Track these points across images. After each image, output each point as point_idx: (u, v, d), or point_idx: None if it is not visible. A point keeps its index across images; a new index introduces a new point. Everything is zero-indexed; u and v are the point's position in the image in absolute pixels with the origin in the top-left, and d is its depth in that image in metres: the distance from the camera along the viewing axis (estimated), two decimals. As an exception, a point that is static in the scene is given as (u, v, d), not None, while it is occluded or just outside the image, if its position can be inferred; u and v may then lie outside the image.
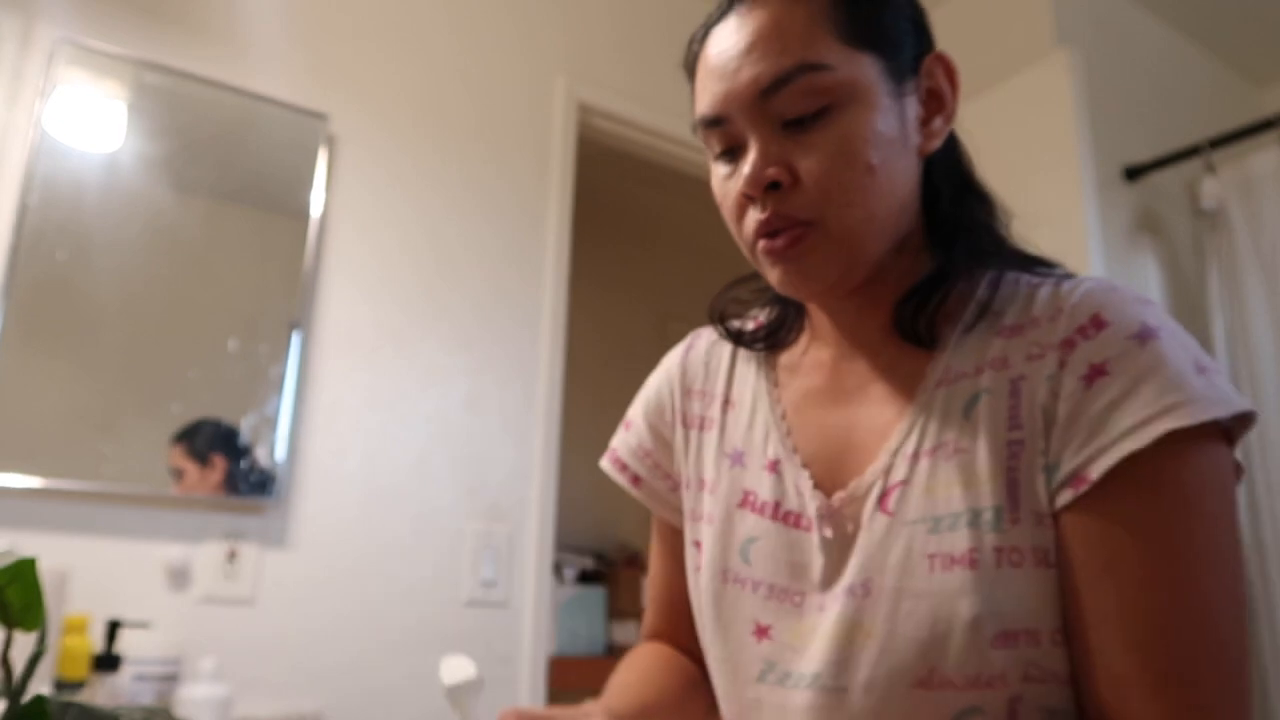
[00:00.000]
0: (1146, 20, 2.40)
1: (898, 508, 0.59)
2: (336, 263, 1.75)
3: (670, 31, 2.35)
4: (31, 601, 0.50)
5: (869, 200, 0.59)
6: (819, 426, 0.66)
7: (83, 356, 1.49)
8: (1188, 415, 0.52)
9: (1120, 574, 0.53)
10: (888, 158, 0.59)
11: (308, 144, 1.74)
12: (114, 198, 1.55)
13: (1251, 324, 2.07)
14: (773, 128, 0.60)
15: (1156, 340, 0.55)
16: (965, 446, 0.58)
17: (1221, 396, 0.53)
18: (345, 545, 1.66)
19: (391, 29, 1.91)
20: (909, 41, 0.63)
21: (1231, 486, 0.55)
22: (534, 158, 2.05)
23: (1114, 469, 0.53)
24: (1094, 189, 1.81)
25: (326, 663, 1.60)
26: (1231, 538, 0.54)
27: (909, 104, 0.62)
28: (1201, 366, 0.55)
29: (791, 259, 0.61)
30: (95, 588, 1.41)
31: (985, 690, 0.55)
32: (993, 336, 0.61)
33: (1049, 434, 0.56)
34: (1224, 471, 0.54)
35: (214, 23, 1.71)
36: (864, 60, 0.59)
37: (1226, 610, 0.52)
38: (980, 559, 0.55)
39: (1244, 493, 2.02)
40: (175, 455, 1.54)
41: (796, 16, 0.59)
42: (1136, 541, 0.53)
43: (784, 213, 0.60)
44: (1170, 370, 0.54)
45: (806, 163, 0.59)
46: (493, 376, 1.88)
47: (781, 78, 0.59)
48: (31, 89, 1.52)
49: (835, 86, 0.58)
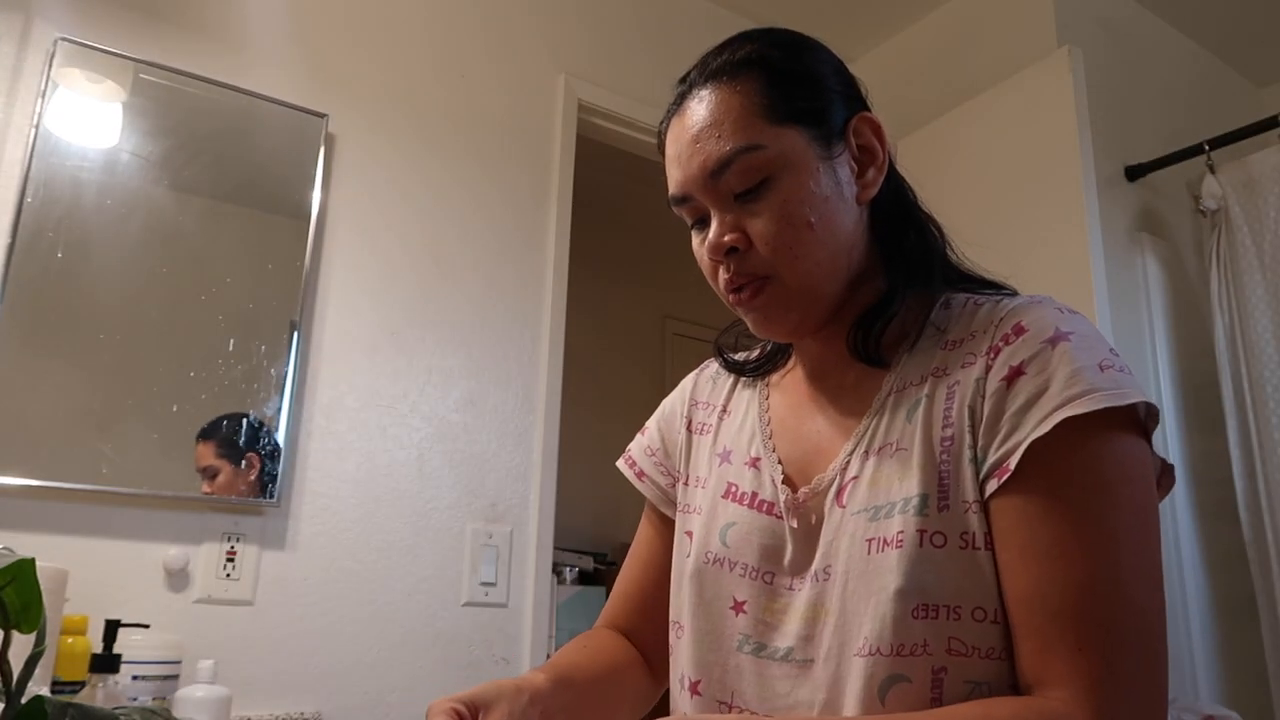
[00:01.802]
0: (1148, 20, 2.40)
1: (849, 500, 0.69)
2: (336, 262, 1.75)
3: (670, 31, 2.35)
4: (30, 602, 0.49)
5: (813, 251, 0.70)
6: (795, 433, 0.77)
7: (81, 356, 1.49)
8: (1084, 405, 0.59)
9: (1037, 551, 0.59)
10: (825, 213, 0.70)
11: (307, 143, 1.73)
12: (113, 197, 1.54)
13: (1252, 324, 2.06)
14: (726, 201, 0.71)
15: (1066, 342, 0.63)
16: (905, 445, 0.67)
17: (1119, 389, 0.60)
18: (345, 546, 1.65)
19: (390, 28, 1.91)
20: (836, 110, 0.73)
21: (1136, 468, 0.61)
22: (534, 157, 2.04)
23: (1027, 456, 0.61)
24: (1095, 188, 1.81)
25: (326, 663, 1.59)
26: (1137, 512, 0.60)
27: (841, 163, 0.72)
28: (1105, 365, 0.62)
29: (757, 308, 0.72)
30: (94, 588, 1.40)
31: (909, 659, 0.61)
32: (937, 350, 0.70)
33: (975, 430, 0.64)
34: (1127, 455, 0.61)
35: (213, 22, 1.71)
36: (793, 134, 0.70)
37: (1136, 578, 0.58)
38: (905, 540, 0.63)
39: (1244, 493, 2.02)
40: (204, 454, 1.53)
41: (732, 106, 0.70)
42: (1049, 521, 0.60)
43: (744, 271, 0.71)
44: (1074, 367, 0.62)
45: (755, 227, 0.70)
46: (492, 376, 1.87)
47: (724, 161, 0.70)
48: (30, 88, 1.51)
49: (769, 161, 0.69)
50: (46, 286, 1.47)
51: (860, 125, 0.74)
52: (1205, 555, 2.06)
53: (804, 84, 0.72)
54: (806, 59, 0.74)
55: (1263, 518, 1.98)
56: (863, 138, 0.74)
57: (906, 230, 0.76)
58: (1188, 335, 2.19)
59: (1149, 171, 2.17)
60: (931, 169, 2.17)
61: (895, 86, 2.55)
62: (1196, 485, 2.08)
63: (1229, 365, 2.08)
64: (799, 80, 0.72)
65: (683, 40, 2.36)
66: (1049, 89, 1.88)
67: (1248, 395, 2.04)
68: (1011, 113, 1.97)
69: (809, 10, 2.47)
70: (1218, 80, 2.59)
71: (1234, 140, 2.08)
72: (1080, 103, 1.83)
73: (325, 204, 1.75)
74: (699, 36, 2.62)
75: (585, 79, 2.15)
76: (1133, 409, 0.62)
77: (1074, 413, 0.60)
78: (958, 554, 0.62)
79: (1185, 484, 2.07)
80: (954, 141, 2.11)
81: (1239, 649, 2.04)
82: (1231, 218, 2.14)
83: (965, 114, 2.09)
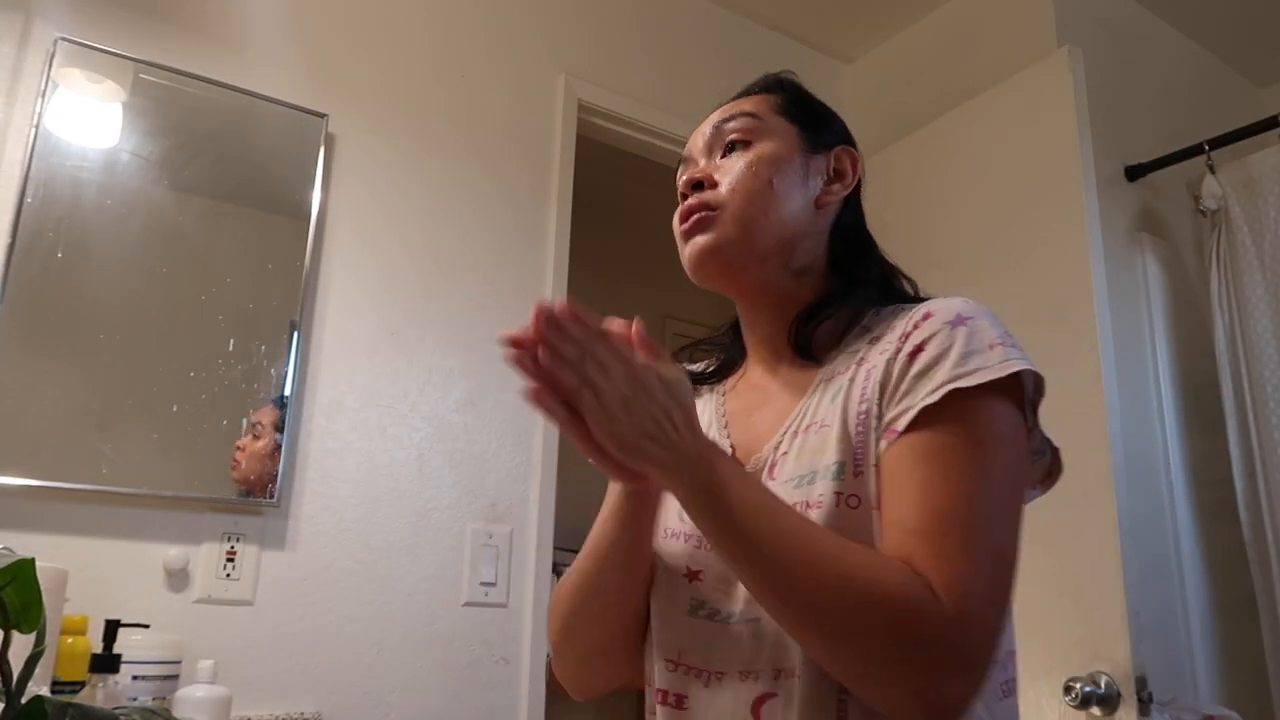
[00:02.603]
0: (1148, 20, 2.40)
1: (779, 472, 0.77)
2: (336, 262, 1.75)
3: (670, 31, 2.35)
4: (30, 602, 0.49)
5: (763, 204, 0.82)
6: (745, 421, 0.86)
7: (81, 356, 1.49)
8: (972, 379, 0.68)
9: (909, 486, 0.68)
10: (785, 186, 0.83)
11: (307, 143, 1.73)
12: (113, 197, 1.54)
13: (1252, 324, 2.06)
14: (715, 152, 0.86)
15: (964, 325, 0.72)
16: (829, 422, 0.75)
17: (1004, 361, 0.69)
18: (344, 546, 1.65)
19: (390, 28, 1.91)
20: (828, 134, 0.89)
21: (1009, 433, 0.70)
22: (534, 157, 2.04)
23: (916, 419, 0.69)
24: (1095, 188, 1.80)
25: (326, 663, 1.59)
26: (1003, 470, 0.68)
27: (816, 169, 0.86)
28: (994, 344, 0.70)
29: (696, 232, 0.82)
30: (94, 588, 1.40)
31: None
32: (863, 345, 0.79)
33: (881, 399, 0.72)
34: (1002, 421, 0.69)
35: (213, 22, 1.71)
36: (790, 127, 0.86)
37: (989, 509, 0.66)
38: (824, 501, 0.71)
39: (1244, 493, 2.02)
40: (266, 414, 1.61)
41: (754, 99, 0.89)
42: (922, 464, 0.68)
43: (701, 201, 0.82)
44: (969, 347, 0.70)
45: (726, 168, 0.84)
46: (492, 376, 1.87)
47: (731, 116, 0.87)
48: (30, 88, 1.51)
49: (761, 129, 0.85)
50: (46, 286, 1.47)
51: (842, 154, 0.88)
52: (1205, 555, 2.06)
53: (812, 106, 0.90)
54: (821, 101, 0.92)
55: (1263, 518, 1.98)
56: (841, 163, 0.88)
57: (859, 256, 0.88)
58: (1188, 335, 2.19)
59: (1149, 171, 2.16)
60: (931, 169, 2.17)
61: (895, 86, 2.55)
62: (1196, 485, 2.08)
63: (1229, 365, 2.08)
64: (811, 104, 0.90)
65: (683, 40, 2.36)
66: (1049, 89, 1.88)
67: (1248, 395, 2.04)
68: (1011, 113, 1.97)
69: (809, 10, 2.47)
70: (1218, 80, 2.59)
71: (1234, 140, 2.08)
72: (1080, 103, 1.83)
73: (325, 204, 1.75)
74: (699, 36, 2.65)
75: (585, 79, 2.15)
76: (1018, 387, 0.71)
77: (962, 385, 0.68)
78: (870, 514, 0.70)
79: (1185, 484, 2.07)
80: (954, 141, 2.11)
81: (1239, 649, 2.04)
82: (1231, 218, 2.14)
83: (965, 114, 2.09)
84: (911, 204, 2.20)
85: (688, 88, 2.32)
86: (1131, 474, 1.74)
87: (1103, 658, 1.57)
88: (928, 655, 0.61)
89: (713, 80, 2.38)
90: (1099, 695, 1.55)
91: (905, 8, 2.46)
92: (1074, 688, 1.57)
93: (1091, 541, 1.63)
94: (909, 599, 0.62)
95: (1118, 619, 1.56)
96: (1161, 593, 1.95)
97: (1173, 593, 1.97)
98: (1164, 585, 1.96)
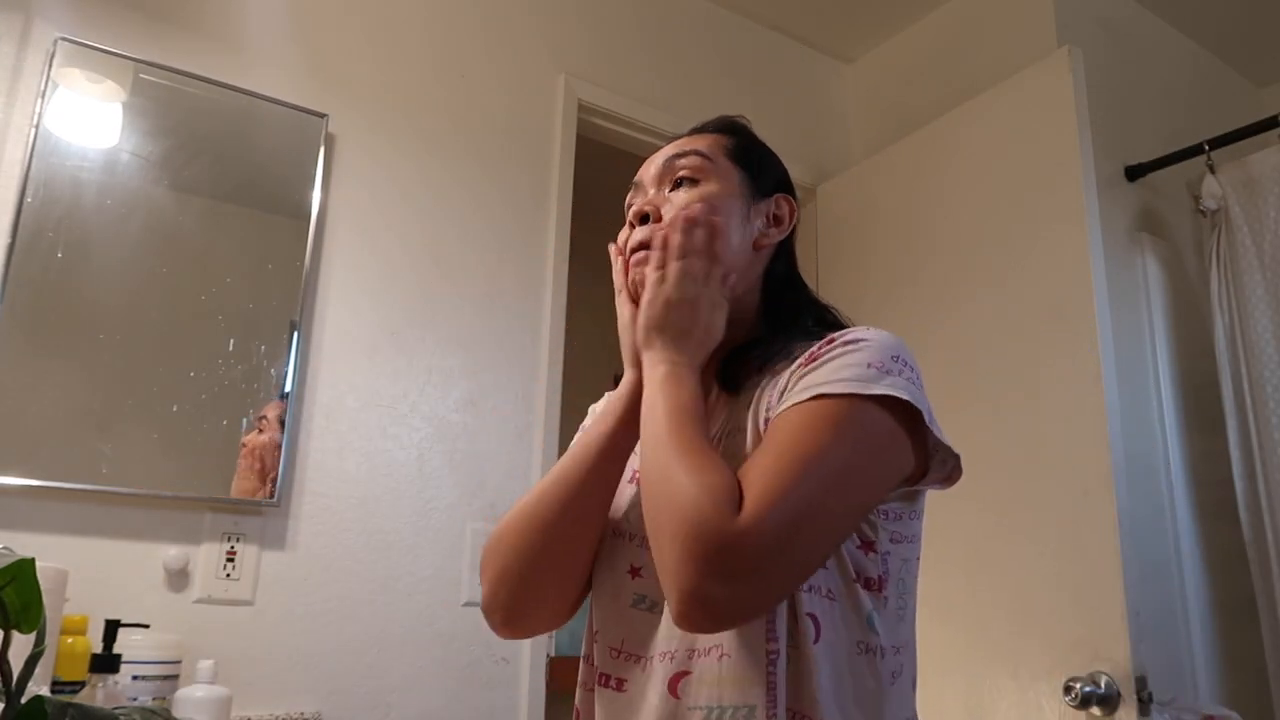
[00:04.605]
0: (1148, 20, 2.40)
1: None
2: (336, 262, 1.75)
3: (670, 31, 2.35)
4: (30, 601, 0.49)
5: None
6: None
7: (81, 356, 1.48)
8: (837, 388, 0.75)
9: (763, 449, 0.74)
10: (727, 225, 0.88)
11: (307, 143, 1.73)
12: (113, 197, 1.54)
13: (1252, 324, 2.06)
14: (663, 185, 0.93)
15: (855, 346, 0.79)
16: (743, 427, 0.84)
17: (875, 381, 0.75)
18: (344, 545, 1.65)
19: (390, 28, 1.91)
20: (770, 181, 0.96)
21: (865, 433, 0.75)
22: (534, 157, 2.04)
23: (784, 411, 0.76)
24: (1095, 188, 1.80)
25: (325, 663, 1.59)
26: (849, 457, 0.74)
27: (758, 211, 0.93)
28: (872, 364, 0.77)
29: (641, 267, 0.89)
30: (94, 588, 1.40)
31: None
32: (783, 364, 0.85)
33: (778, 404, 0.79)
34: (862, 424, 0.75)
35: (213, 22, 1.71)
36: (736, 170, 0.93)
37: (819, 472, 0.71)
38: None
39: (1244, 493, 2.02)
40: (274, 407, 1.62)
41: (706, 139, 0.95)
42: (777, 429, 0.75)
43: (647, 236, 0.89)
44: (848, 363, 0.77)
45: (673, 206, 0.90)
46: (493, 376, 1.87)
47: (682, 153, 0.93)
48: (30, 88, 1.51)
49: (709, 170, 0.92)
50: (46, 286, 1.47)
51: (782, 200, 0.96)
52: (1205, 555, 2.06)
53: (760, 153, 0.97)
54: (768, 148, 1.00)
55: (1263, 518, 1.98)
56: (780, 210, 0.95)
57: (791, 297, 0.95)
58: (1188, 335, 2.19)
59: (1149, 171, 2.16)
60: (931, 169, 2.16)
61: (895, 86, 2.55)
62: (1196, 485, 2.08)
63: (1229, 365, 2.08)
64: (758, 151, 0.98)
65: (683, 40, 2.36)
66: (1049, 89, 1.88)
67: (1248, 395, 2.04)
68: (1011, 113, 1.97)
69: (809, 10, 2.47)
70: (1218, 80, 2.59)
71: (1234, 140, 2.08)
72: (1080, 103, 1.82)
73: (325, 204, 1.75)
74: (699, 36, 2.64)
75: (585, 79, 2.15)
76: (904, 413, 0.76)
77: (826, 391, 0.75)
78: None
79: (1185, 484, 2.07)
80: (954, 141, 2.11)
81: (1239, 649, 2.04)
82: (1231, 218, 2.13)
83: (965, 114, 2.09)
84: (911, 204, 2.20)
85: (688, 88, 2.32)
86: (1131, 474, 1.74)
87: (1103, 658, 1.57)
88: (703, 557, 0.67)
89: (713, 80, 2.38)
90: (1099, 695, 1.55)
91: (905, 8, 2.46)
92: (1074, 688, 1.57)
93: (1091, 541, 1.63)
94: (706, 505, 0.68)
95: (1118, 619, 1.56)
96: (1161, 593, 1.95)
97: (1173, 593, 1.98)
98: (1164, 585, 1.96)
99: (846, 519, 0.75)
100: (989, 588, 1.81)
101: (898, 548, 0.81)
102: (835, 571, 0.77)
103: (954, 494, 0.89)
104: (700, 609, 0.68)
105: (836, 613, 0.76)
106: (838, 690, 0.75)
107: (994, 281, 1.93)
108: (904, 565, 0.82)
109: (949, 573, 1.83)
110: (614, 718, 0.84)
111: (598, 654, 0.88)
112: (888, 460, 0.77)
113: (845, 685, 0.76)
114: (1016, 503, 1.78)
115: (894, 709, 0.78)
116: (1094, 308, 1.71)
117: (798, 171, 1.08)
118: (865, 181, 2.37)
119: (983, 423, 1.85)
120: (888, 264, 2.23)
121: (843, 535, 0.76)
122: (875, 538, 0.79)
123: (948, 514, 1.96)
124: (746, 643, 0.75)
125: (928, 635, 1.89)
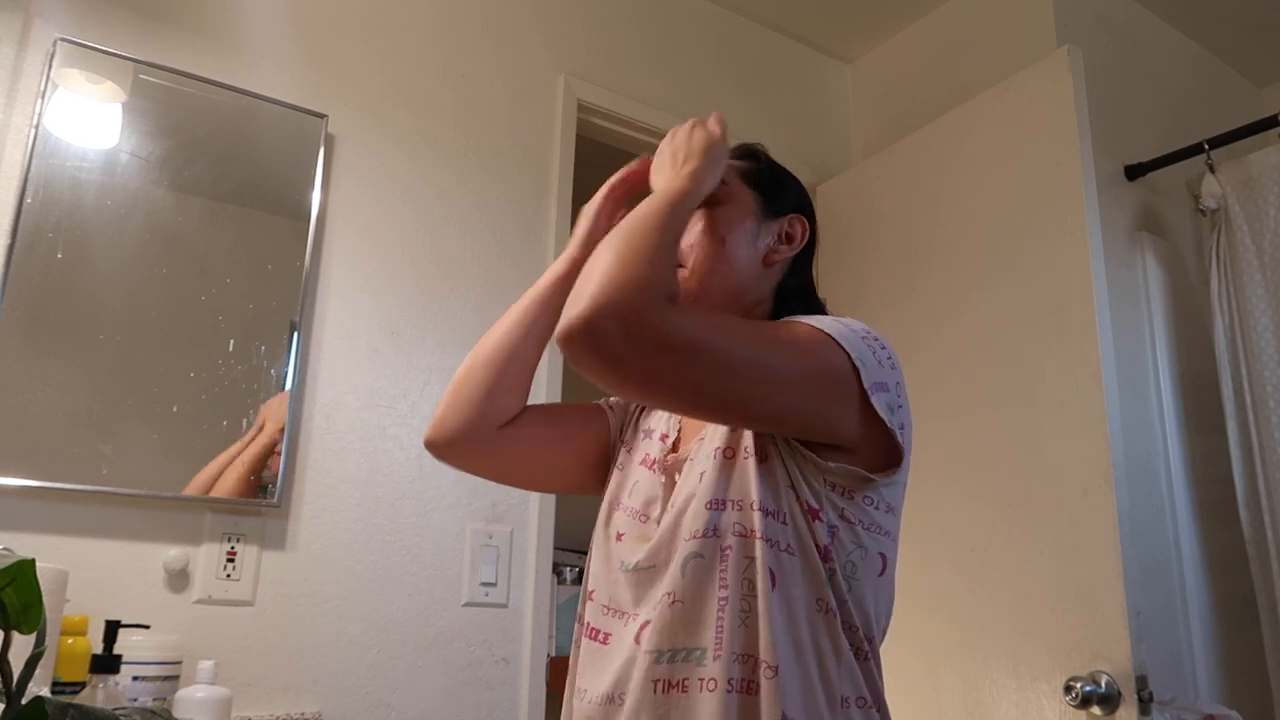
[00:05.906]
0: (1147, 19, 2.40)
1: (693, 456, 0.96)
2: (336, 262, 1.75)
3: (670, 31, 2.35)
4: (30, 602, 0.49)
5: (712, 257, 0.99)
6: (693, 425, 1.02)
7: (81, 356, 1.48)
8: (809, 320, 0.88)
9: None
10: (735, 242, 1.00)
11: (307, 143, 1.73)
12: (112, 197, 1.54)
13: (1252, 324, 2.06)
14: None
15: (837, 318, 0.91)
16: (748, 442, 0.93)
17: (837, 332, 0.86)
18: (345, 546, 1.65)
19: (390, 28, 1.91)
20: (786, 202, 1.05)
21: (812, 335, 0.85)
22: (533, 157, 2.04)
23: None
24: (1095, 188, 1.80)
25: (326, 664, 1.59)
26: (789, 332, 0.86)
27: (769, 230, 1.02)
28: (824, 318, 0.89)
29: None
30: (94, 589, 1.40)
31: (703, 540, 0.86)
32: None
33: None
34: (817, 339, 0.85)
35: (213, 22, 1.71)
36: (751, 193, 1.03)
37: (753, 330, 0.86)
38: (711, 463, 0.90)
39: (1244, 492, 2.02)
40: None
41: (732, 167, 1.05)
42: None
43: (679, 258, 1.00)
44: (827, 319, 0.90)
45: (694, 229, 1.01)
46: (493, 376, 1.87)
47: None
48: (30, 88, 1.51)
49: (725, 192, 1.01)
50: (46, 286, 1.47)
51: (795, 220, 1.03)
52: (1205, 555, 2.06)
53: (776, 177, 1.06)
54: (785, 170, 1.08)
55: (1263, 518, 1.98)
56: (793, 229, 1.03)
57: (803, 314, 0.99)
58: (1188, 335, 2.19)
59: (1149, 171, 2.16)
60: (931, 169, 2.16)
61: (895, 86, 2.55)
62: (1196, 485, 2.08)
63: (1229, 365, 2.08)
64: (775, 175, 1.06)
65: (683, 40, 2.36)
66: (1049, 89, 1.88)
67: (1248, 395, 2.04)
68: (1011, 113, 1.97)
69: (809, 10, 2.46)
70: (1218, 80, 2.59)
71: (1234, 140, 2.08)
72: (1080, 102, 1.82)
73: (325, 204, 1.75)
74: (699, 36, 2.64)
75: (585, 79, 2.15)
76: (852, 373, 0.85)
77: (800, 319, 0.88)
78: (742, 463, 0.88)
79: (1185, 484, 2.07)
80: (954, 141, 2.10)
81: (1239, 649, 2.04)
82: (1231, 217, 2.14)
83: (965, 114, 2.09)
84: (911, 204, 2.20)
85: (688, 88, 2.32)
86: (1131, 474, 1.74)
87: (1103, 657, 1.57)
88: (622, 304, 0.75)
89: (713, 80, 2.38)
90: (1099, 695, 1.55)
91: (905, 8, 2.46)
92: (1074, 687, 1.57)
93: (1091, 541, 1.63)
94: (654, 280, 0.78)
95: (1118, 619, 1.56)
96: (1161, 593, 1.95)
97: (1173, 593, 1.98)
98: (1164, 585, 1.96)
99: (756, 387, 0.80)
100: (989, 587, 1.81)
101: (848, 528, 0.86)
102: (793, 528, 0.84)
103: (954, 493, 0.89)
104: (587, 334, 0.74)
105: (796, 566, 0.83)
106: (795, 640, 0.81)
107: (994, 280, 1.93)
108: (857, 549, 0.86)
109: (949, 572, 1.84)
110: (592, 667, 0.93)
111: (590, 611, 0.97)
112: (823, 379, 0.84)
113: (804, 637, 0.82)
114: (1016, 502, 1.78)
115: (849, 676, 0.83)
116: (1094, 307, 1.71)
117: (797, 171, 1.11)
118: (865, 181, 2.37)
119: (983, 422, 1.85)
120: (888, 264, 2.23)
121: (740, 403, 0.81)
122: (819, 506, 0.85)
123: (948, 513, 1.96)
124: (699, 591, 0.84)
125: (928, 634, 1.89)
